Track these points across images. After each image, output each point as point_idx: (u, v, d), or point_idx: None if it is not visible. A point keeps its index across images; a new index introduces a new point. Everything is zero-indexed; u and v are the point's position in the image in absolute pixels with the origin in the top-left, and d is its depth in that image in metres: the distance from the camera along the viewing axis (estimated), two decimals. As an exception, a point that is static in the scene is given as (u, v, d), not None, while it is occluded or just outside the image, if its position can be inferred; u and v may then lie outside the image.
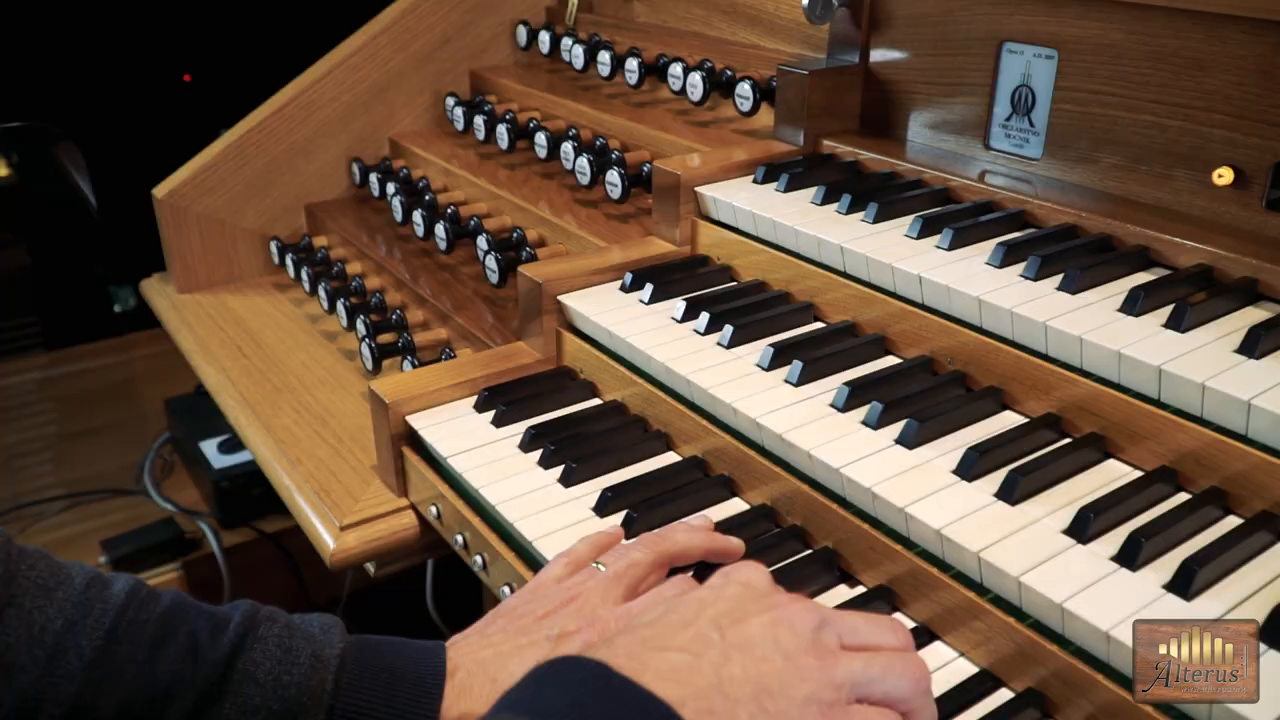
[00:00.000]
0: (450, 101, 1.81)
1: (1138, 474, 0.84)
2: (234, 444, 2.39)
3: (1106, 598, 0.71)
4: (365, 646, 0.77)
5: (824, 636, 0.64)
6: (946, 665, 0.78)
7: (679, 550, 0.84)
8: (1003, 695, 0.75)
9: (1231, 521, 0.78)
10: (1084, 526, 0.77)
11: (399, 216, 1.62)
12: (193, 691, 0.72)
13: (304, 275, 1.64)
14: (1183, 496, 0.82)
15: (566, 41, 1.75)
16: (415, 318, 1.49)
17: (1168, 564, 0.73)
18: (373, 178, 1.75)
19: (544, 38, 1.82)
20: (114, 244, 2.80)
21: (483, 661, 0.76)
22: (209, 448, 2.40)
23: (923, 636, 0.80)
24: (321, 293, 1.56)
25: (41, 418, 2.89)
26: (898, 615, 0.83)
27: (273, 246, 1.74)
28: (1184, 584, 0.71)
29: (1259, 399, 0.78)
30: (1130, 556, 0.74)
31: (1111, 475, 0.85)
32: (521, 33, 1.88)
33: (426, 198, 1.65)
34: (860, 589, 0.86)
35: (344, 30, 1.82)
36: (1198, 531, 0.78)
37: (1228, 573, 0.73)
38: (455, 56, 1.90)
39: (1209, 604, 0.70)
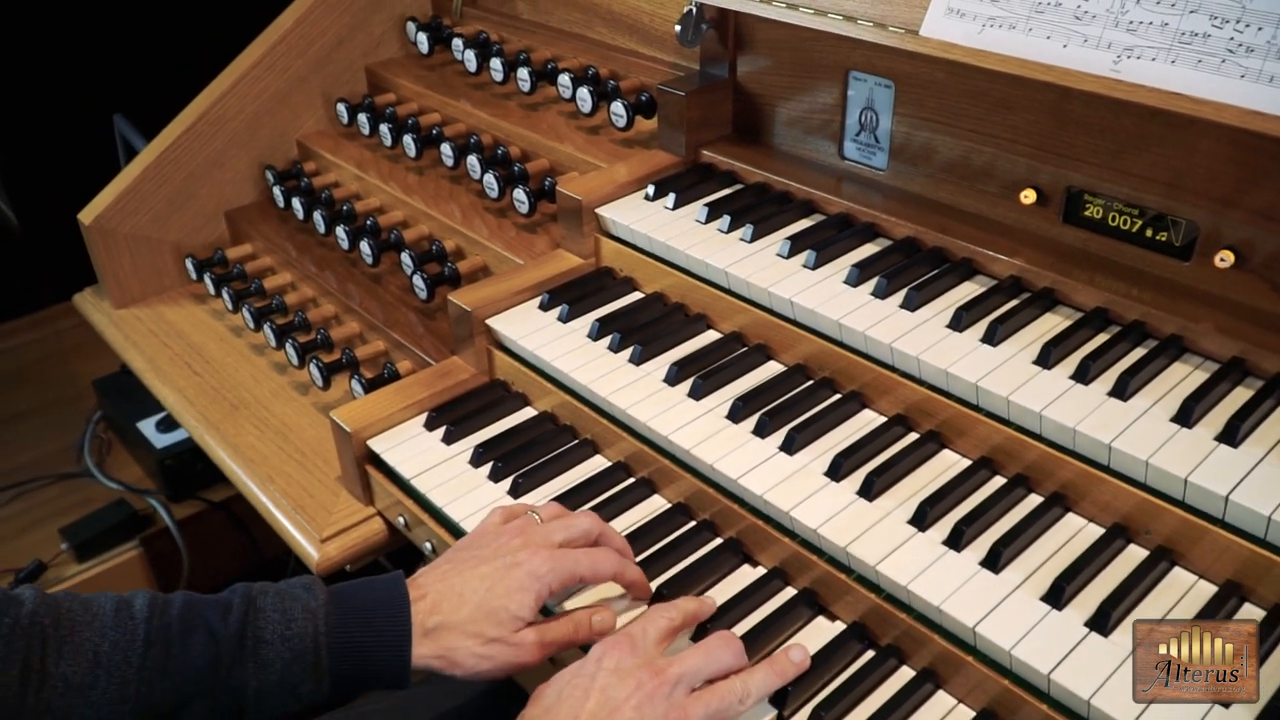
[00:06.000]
0: (342, 108, 1.91)
1: (966, 462, 1.09)
2: (171, 422, 2.51)
3: (938, 576, 0.96)
4: (341, 592, 0.98)
5: (677, 695, 0.88)
6: (825, 630, 1.02)
7: (606, 541, 1.04)
8: (869, 652, 1.00)
9: (1034, 500, 1.03)
10: (923, 518, 1.01)
11: (321, 229, 1.76)
12: (221, 663, 0.92)
13: (225, 294, 1.77)
14: (999, 481, 1.06)
15: (457, 43, 1.86)
16: (350, 329, 1.65)
17: (983, 544, 0.98)
18: (287, 189, 1.86)
19: (431, 37, 1.93)
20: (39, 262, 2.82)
21: (449, 585, 0.97)
22: (147, 428, 2.52)
23: (809, 606, 1.04)
24: (246, 314, 1.70)
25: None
26: (787, 590, 1.06)
27: (187, 264, 1.86)
28: (993, 561, 0.96)
29: (1047, 410, 1.02)
30: (956, 541, 0.98)
31: (946, 464, 1.09)
32: (412, 29, 1.98)
33: (344, 208, 1.78)
34: (761, 569, 1.09)
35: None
36: (1008, 511, 1.02)
37: (1028, 546, 0.98)
38: (350, 56, 1.99)
39: (1012, 575, 0.95)
